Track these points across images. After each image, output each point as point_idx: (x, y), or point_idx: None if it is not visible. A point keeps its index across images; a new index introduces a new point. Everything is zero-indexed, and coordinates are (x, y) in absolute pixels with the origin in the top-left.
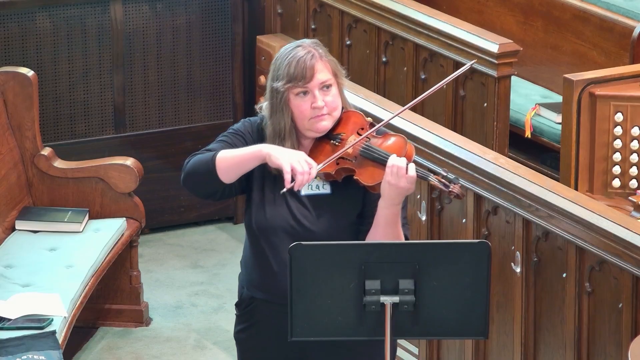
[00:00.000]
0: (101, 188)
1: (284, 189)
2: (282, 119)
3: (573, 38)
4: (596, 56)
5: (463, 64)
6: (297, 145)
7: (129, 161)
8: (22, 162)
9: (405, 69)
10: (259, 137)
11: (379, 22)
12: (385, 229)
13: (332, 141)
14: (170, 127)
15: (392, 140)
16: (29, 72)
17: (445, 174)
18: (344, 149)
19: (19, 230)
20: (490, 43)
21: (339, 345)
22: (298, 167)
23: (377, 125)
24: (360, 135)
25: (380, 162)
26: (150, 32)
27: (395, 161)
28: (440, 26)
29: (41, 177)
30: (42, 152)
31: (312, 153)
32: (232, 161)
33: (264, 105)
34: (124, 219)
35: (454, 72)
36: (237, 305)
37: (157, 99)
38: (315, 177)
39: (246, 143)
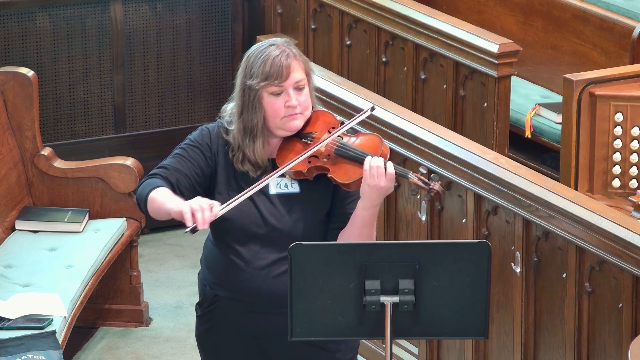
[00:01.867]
0: (101, 188)
1: (186, 230)
2: (255, 117)
3: (573, 38)
4: (596, 56)
5: (463, 64)
6: (265, 143)
7: (129, 161)
8: (22, 162)
9: (405, 69)
10: (219, 143)
11: (379, 22)
12: (361, 229)
13: (303, 140)
14: (170, 127)
15: (366, 138)
16: (29, 72)
17: (424, 171)
18: (316, 147)
19: (19, 230)
20: (490, 43)
21: (300, 345)
22: (196, 206)
23: (347, 123)
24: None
25: (356, 160)
26: (150, 32)
27: (372, 162)
28: (440, 26)
29: (41, 177)
30: (42, 152)
31: (282, 152)
32: (155, 205)
33: (229, 107)
34: (124, 219)
35: (453, 73)
36: (199, 304)
37: (157, 99)
38: (285, 176)
39: (203, 154)
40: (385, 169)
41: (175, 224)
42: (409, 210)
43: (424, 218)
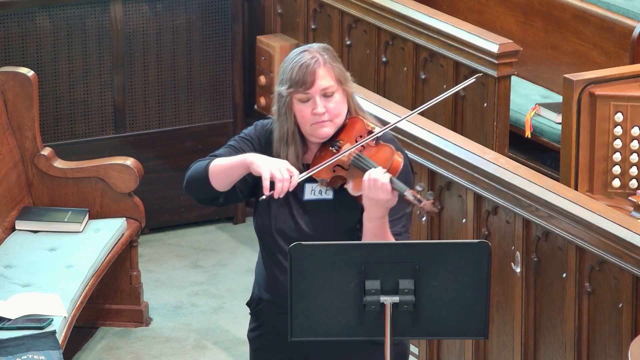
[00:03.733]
0: (101, 188)
1: (263, 196)
2: (286, 124)
3: (573, 38)
4: (596, 56)
5: (463, 64)
6: (302, 149)
7: (129, 161)
8: (22, 162)
9: (405, 69)
10: (266, 140)
11: (379, 22)
12: (372, 240)
13: (331, 147)
14: (170, 127)
15: (382, 150)
16: (29, 72)
17: (420, 189)
18: (336, 157)
19: (19, 230)
20: (490, 43)
21: (341, 346)
22: (277, 174)
23: (372, 135)
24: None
25: (365, 171)
26: (150, 32)
27: (371, 174)
28: (440, 26)
29: (41, 177)
30: (42, 152)
31: (315, 158)
32: (221, 169)
33: (273, 109)
34: (124, 219)
35: (453, 73)
36: (248, 304)
37: (157, 99)
38: (318, 183)
39: (254, 148)
40: (380, 181)
41: (175, 224)
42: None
43: (424, 218)
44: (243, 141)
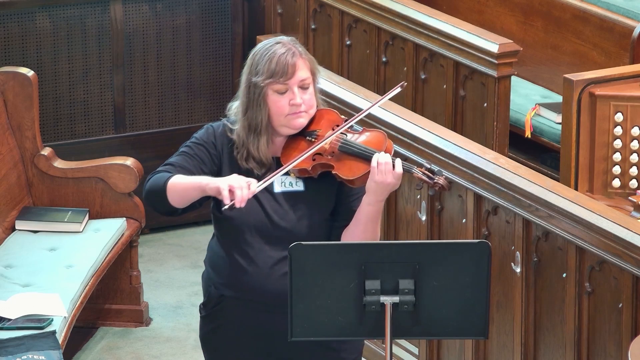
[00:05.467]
0: (101, 188)
1: (225, 206)
2: (259, 114)
3: (573, 38)
4: (596, 56)
5: (463, 64)
6: (270, 141)
7: (129, 161)
8: (22, 162)
9: (405, 69)
10: (223, 141)
11: (379, 22)
12: (365, 225)
13: (307, 138)
14: (170, 127)
15: (370, 135)
16: (29, 72)
17: (428, 166)
18: (320, 144)
19: (19, 230)
20: (490, 43)
21: (302, 345)
22: (235, 183)
23: (350, 120)
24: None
25: (360, 156)
26: (150, 32)
27: (380, 158)
28: (440, 26)
29: (41, 177)
30: (42, 152)
31: (286, 150)
32: (179, 188)
33: (234, 105)
34: (124, 219)
35: (453, 73)
36: (204, 305)
37: (157, 99)
38: (289, 174)
39: (209, 153)
40: (394, 166)
41: (175, 224)
42: (409, 210)
43: (424, 218)
44: (197, 146)
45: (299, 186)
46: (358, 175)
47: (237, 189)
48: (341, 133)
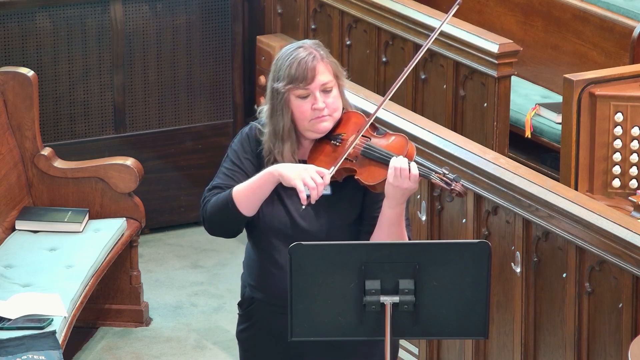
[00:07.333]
0: (101, 188)
1: (303, 206)
2: (282, 120)
3: (573, 38)
4: (596, 56)
5: (463, 64)
6: (296, 146)
7: (129, 161)
8: (22, 162)
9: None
10: (255, 145)
11: (379, 22)
12: (389, 228)
13: (332, 142)
14: (170, 127)
15: (393, 139)
16: (29, 72)
17: (446, 173)
18: (349, 149)
19: (19, 230)
20: (490, 43)
21: (337, 346)
22: (310, 182)
23: (369, 121)
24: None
25: (382, 161)
26: (150, 32)
27: (397, 163)
28: None
29: (41, 177)
30: (42, 152)
31: (313, 154)
32: (248, 192)
33: (264, 108)
34: (124, 219)
35: (453, 73)
36: (239, 304)
37: (157, 99)
38: None
39: (250, 161)
40: (410, 170)
41: (175, 224)
42: (410, 210)
43: (424, 218)
44: (238, 159)
45: (326, 190)
46: (379, 181)
47: (312, 189)
48: (365, 137)
